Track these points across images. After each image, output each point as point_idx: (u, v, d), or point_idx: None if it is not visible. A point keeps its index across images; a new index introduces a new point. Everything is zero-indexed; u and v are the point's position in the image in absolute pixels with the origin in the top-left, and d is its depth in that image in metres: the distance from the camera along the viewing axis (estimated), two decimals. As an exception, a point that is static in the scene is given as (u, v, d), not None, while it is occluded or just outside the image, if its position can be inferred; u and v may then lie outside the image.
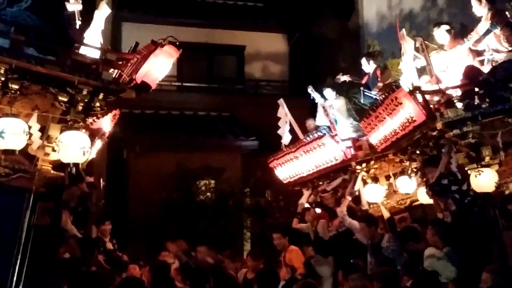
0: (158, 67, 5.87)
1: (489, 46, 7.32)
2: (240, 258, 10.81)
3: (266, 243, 10.19)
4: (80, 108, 5.42)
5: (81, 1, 7.24)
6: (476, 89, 6.48)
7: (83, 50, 5.94)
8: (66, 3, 6.60)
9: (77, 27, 6.99)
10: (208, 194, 13.16)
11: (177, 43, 5.96)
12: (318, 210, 9.24)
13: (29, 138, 5.20)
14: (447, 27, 7.86)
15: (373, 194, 8.60)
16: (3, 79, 5.01)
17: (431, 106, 6.86)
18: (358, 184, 8.59)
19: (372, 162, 8.61)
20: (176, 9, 16.79)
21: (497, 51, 7.21)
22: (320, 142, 8.99)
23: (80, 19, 7.25)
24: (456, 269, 6.02)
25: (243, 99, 16.33)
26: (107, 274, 7.09)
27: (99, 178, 10.64)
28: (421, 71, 7.71)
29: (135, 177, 13.40)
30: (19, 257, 5.10)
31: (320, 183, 9.50)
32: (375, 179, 8.66)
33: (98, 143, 7.39)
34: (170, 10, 16.67)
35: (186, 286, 7.67)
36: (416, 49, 7.61)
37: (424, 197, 7.66)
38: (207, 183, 13.34)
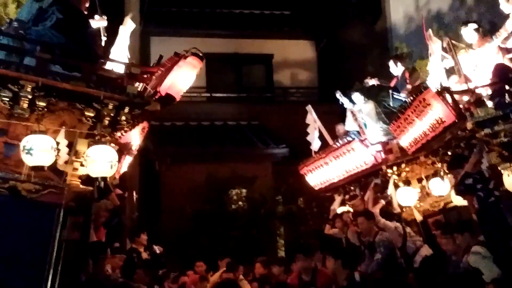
0: (182, 79, 5.89)
1: (518, 43, 7.18)
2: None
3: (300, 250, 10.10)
4: (106, 122, 5.44)
5: (105, 18, 7.39)
6: (507, 87, 6.33)
7: (109, 66, 6.02)
8: (91, 20, 6.72)
9: (103, 43, 7.13)
10: (240, 203, 13.17)
11: (200, 54, 5.97)
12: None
13: (58, 154, 5.25)
14: (475, 25, 7.74)
15: (406, 198, 8.47)
16: (30, 96, 5.07)
17: (461, 106, 6.75)
18: (390, 188, 8.48)
19: (403, 165, 8.50)
20: (203, 21, 16.97)
21: (526, 47, 7.07)
22: (349, 147, 8.94)
23: (106, 35, 7.39)
24: (500, 271, 5.84)
25: (272, 107, 16.38)
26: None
27: (132, 191, 10.76)
28: (450, 72, 7.60)
29: (167, 189, 13.51)
30: (51, 272, 5.12)
31: (352, 188, 9.43)
32: (407, 182, 8.54)
33: (129, 157, 7.45)
34: (197, 22, 16.86)
35: None
36: (444, 49, 7.51)
37: (458, 199, 7.49)
38: (239, 192, 13.35)
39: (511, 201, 6.11)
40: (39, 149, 5.01)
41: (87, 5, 6.47)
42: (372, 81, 9.87)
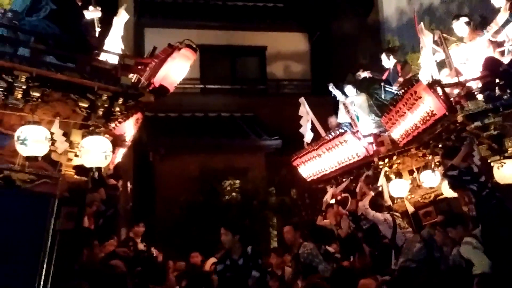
0: (176, 70, 5.91)
1: (508, 37, 7.23)
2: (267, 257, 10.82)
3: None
4: (100, 113, 5.48)
5: (100, 9, 7.41)
6: (497, 80, 6.40)
7: (103, 57, 6.05)
8: (85, 11, 6.74)
9: (97, 33, 7.15)
10: (233, 194, 13.22)
11: (194, 46, 6.00)
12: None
13: (52, 144, 5.29)
14: (466, 19, 7.78)
15: (398, 189, 8.55)
16: (24, 87, 5.09)
17: (452, 99, 6.81)
18: (381, 180, 8.56)
19: (394, 157, 8.58)
20: (197, 13, 16.97)
21: (517, 41, 7.13)
22: (341, 139, 9.00)
23: (100, 26, 7.41)
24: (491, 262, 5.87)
25: (266, 99, 16.43)
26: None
27: (126, 181, 10.80)
28: (442, 65, 7.66)
29: (161, 180, 13.57)
30: (45, 262, 5.17)
31: (344, 179, 9.50)
32: (399, 174, 8.62)
33: (123, 148, 7.50)
34: (191, 14, 16.85)
35: None
36: (435, 43, 7.57)
37: (448, 191, 7.57)
38: (232, 183, 13.40)
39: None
40: (34, 139, 5.05)
41: (81, -5, 6.49)
42: (364, 74, 9.94)
